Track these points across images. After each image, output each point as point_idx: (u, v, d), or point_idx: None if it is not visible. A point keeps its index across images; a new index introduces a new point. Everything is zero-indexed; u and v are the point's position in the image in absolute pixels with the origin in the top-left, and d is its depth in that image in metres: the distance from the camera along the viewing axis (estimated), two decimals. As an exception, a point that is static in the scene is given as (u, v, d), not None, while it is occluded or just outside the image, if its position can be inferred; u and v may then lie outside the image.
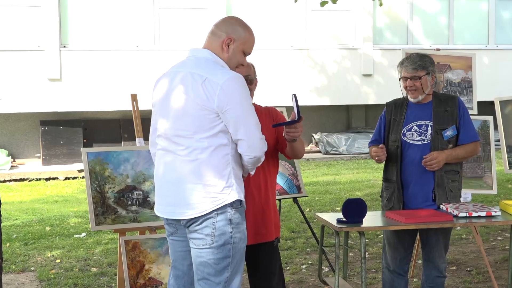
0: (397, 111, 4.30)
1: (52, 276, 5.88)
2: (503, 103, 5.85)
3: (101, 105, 13.21)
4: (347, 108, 15.59)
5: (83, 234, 7.48)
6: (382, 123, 4.37)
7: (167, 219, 3.28)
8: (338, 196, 9.56)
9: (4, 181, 11.86)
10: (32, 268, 6.19)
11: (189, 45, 10.76)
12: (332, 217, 4.09)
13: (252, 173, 3.30)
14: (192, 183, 3.09)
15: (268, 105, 3.93)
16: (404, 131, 4.24)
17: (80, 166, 12.26)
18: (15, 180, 11.96)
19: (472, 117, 4.55)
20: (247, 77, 3.48)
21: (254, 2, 14.12)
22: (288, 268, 5.99)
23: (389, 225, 3.95)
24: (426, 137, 4.19)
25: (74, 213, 8.76)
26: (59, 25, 13.03)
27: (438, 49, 6.27)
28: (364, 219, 3.93)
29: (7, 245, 6.95)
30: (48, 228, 7.81)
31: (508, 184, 10.27)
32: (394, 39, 15.14)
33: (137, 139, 4.86)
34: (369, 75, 14.73)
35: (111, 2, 13.38)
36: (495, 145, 5.96)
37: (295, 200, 5.75)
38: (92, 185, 4.45)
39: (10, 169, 12.60)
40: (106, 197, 4.47)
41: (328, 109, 15.27)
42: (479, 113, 5.94)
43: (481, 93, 7.31)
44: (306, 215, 6.57)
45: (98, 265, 6.21)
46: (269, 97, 12.88)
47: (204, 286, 3.14)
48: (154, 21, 13.62)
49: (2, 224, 4.08)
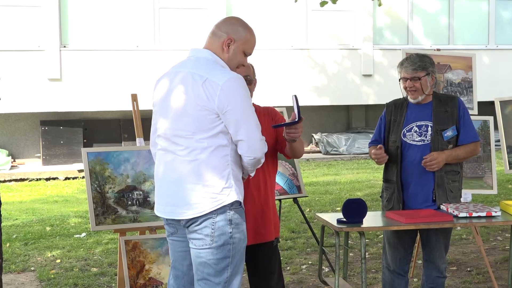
0: (397, 111, 4.30)
1: (52, 276, 5.88)
2: (503, 103, 5.84)
3: (101, 105, 13.21)
4: (347, 108, 15.59)
5: (83, 234, 7.48)
6: (382, 124, 4.37)
7: (167, 219, 3.27)
8: (338, 196, 9.56)
9: (4, 181, 11.86)
10: (32, 268, 6.19)
11: (189, 45, 10.77)
12: (332, 217, 4.09)
13: (252, 174, 3.29)
14: (192, 183, 3.09)
15: (268, 105, 3.93)
16: (404, 131, 4.24)
17: (80, 166, 12.25)
18: (15, 180, 11.96)
19: (472, 117, 4.55)
20: (246, 77, 3.47)
21: (254, 2, 14.12)
22: (288, 268, 5.99)
23: (389, 225, 3.95)
24: (426, 137, 4.19)
25: (74, 213, 8.76)
26: (59, 25, 13.03)
27: (438, 49, 6.27)
28: (364, 219, 3.93)
29: (7, 245, 6.94)
30: (48, 228, 7.81)
31: (508, 184, 10.27)
32: (394, 39, 15.13)
33: (137, 139, 4.86)
34: (369, 75, 14.72)
35: (111, 2, 13.38)
36: (495, 145, 5.96)
37: (295, 200, 5.75)
38: (92, 185, 4.45)
39: (10, 169, 12.59)
40: (106, 197, 4.47)
41: (328, 109, 15.26)
42: (479, 113, 5.94)
43: (481, 93, 7.30)
44: (306, 215, 6.57)
45: (98, 265, 6.21)
46: (269, 97, 12.88)
47: (204, 286, 3.13)
48: (154, 21, 13.61)
49: (2, 224, 4.07)
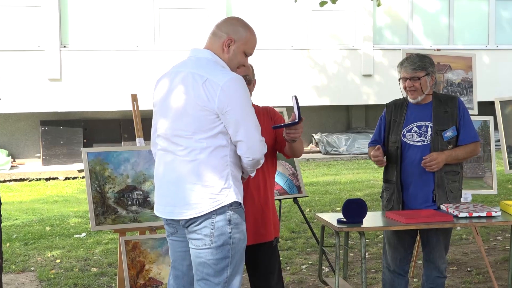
0: (397, 112, 4.30)
1: (52, 276, 5.88)
2: (503, 104, 5.84)
3: (101, 105, 13.21)
4: (347, 108, 15.58)
5: (83, 234, 7.48)
6: (382, 124, 4.37)
7: (166, 219, 3.27)
8: (338, 196, 9.56)
9: (4, 181, 11.86)
10: (32, 268, 6.19)
11: (189, 45, 10.78)
12: (332, 217, 4.09)
13: (252, 175, 3.29)
14: (191, 183, 3.09)
15: (268, 105, 3.93)
16: (404, 132, 4.23)
17: (80, 166, 12.25)
18: (15, 180, 11.96)
19: (472, 117, 4.55)
20: (245, 77, 3.46)
21: (254, 2, 14.12)
22: (288, 268, 5.99)
23: (390, 225, 3.95)
24: (426, 138, 4.18)
25: (74, 213, 8.76)
26: (59, 25, 13.03)
27: (438, 49, 6.27)
28: (364, 220, 3.93)
29: (7, 245, 6.94)
30: (48, 228, 7.81)
31: (509, 184, 10.27)
32: (394, 39, 15.13)
33: (137, 139, 4.86)
34: (369, 75, 14.72)
35: (111, 2, 13.38)
36: (495, 145, 5.96)
37: (295, 200, 5.75)
38: (92, 185, 4.45)
39: (10, 169, 12.59)
40: (106, 197, 4.47)
41: (328, 109, 15.26)
42: (479, 114, 5.94)
43: (481, 93, 7.30)
44: (306, 215, 6.57)
45: (98, 265, 6.21)
46: (269, 97, 12.89)
47: (203, 286, 3.13)
48: (154, 21, 13.61)
49: (2, 224, 4.07)
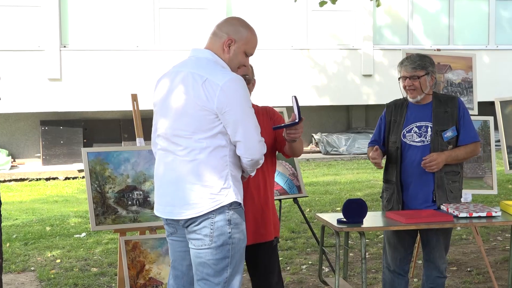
0: (397, 112, 4.30)
1: (52, 276, 5.88)
2: (504, 104, 5.84)
3: (101, 105, 13.21)
4: (347, 108, 15.58)
5: (83, 234, 7.48)
6: (382, 124, 4.37)
7: (166, 219, 3.27)
8: (338, 196, 9.56)
9: (4, 181, 11.86)
10: (32, 268, 6.19)
11: (189, 45, 10.77)
12: (332, 217, 4.09)
13: (252, 174, 3.29)
14: (191, 183, 3.09)
15: (268, 105, 3.93)
16: (404, 132, 4.23)
17: (80, 166, 12.25)
18: (15, 180, 11.95)
19: (472, 117, 4.55)
20: (244, 77, 3.46)
21: (254, 2, 14.12)
22: (288, 268, 5.99)
23: (390, 225, 3.95)
24: (426, 138, 4.18)
25: (74, 213, 8.76)
26: (59, 25, 13.03)
27: (438, 49, 6.27)
28: (364, 220, 3.93)
29: (7, 245, 6.94)
30: (48, 228, 7.81)
31: (509, 184, 10.27)
32: (395, 39, 15.13)
33: (137, 139, 4.86)
34: (369, 75, 14.72)
35: (111, 2, 13.38)
36: (496, 145, 5.96)
37: (295, 200, 5.74)
38: (92, 185, 4.45)
39: (10, 169, 12.59)
40: (106, 197, 4.46)
41: (328, 109, 15.26)
42: (480, 114, 5.93)
43: (481, 94, 7.30)
44: (306, 215, 6.57)
45: (98, 265, 6.21)
46: (269, 97, 12.88)
47: (203, 286, 3.13)
48: (154, 21, 13.61)
49: (2, 224, 4.07)
